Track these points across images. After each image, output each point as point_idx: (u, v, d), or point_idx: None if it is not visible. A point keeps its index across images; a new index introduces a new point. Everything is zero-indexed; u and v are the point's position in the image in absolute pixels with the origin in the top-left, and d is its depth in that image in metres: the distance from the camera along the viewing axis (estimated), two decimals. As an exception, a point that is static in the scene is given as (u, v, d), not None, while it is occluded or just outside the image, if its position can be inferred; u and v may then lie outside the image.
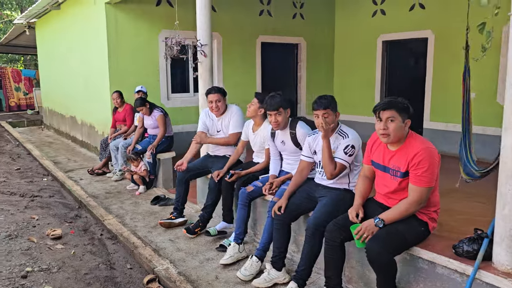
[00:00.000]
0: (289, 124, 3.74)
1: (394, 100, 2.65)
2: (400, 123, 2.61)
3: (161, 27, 7.38)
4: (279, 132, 3.80)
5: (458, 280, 2.55)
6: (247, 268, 3.47)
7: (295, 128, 3.70)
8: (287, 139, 3.75)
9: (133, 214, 4.94)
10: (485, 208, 4.31)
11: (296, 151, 3.73)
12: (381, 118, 2.64)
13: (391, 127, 2.61)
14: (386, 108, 2.62)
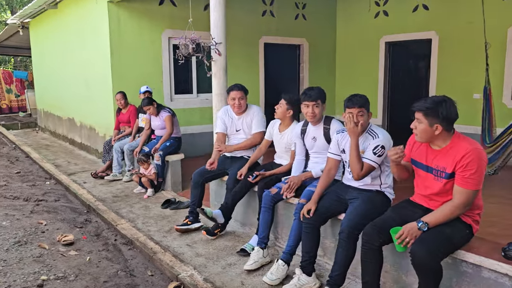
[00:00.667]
0: (323, 120, 3.65)
1: (428, 103, 2.57)
2: (427, 126, 2.56)
3: (165, 26, 7.25)
4: (311, 128, 3.69)
5: (507, 284, 2.47)
6: (273, 272, 3.36)
7: (329, 123, 3.61)
8: (319, 135, 3.64)
9: (145, 218, 4.78)
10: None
11: (326, 149, 3.62)
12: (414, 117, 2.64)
13: (418, 128, 2.62)
14: (415, 110, 2.62)
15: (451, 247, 2.58)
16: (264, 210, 3.73)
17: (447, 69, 7.60)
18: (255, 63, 8.37)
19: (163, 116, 5.86)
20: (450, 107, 2.56)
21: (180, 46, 4.41)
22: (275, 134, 4.12)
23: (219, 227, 4.19)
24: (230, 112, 4.47)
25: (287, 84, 9.04)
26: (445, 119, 2.54)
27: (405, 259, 2.95)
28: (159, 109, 5.92)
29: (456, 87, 7.32)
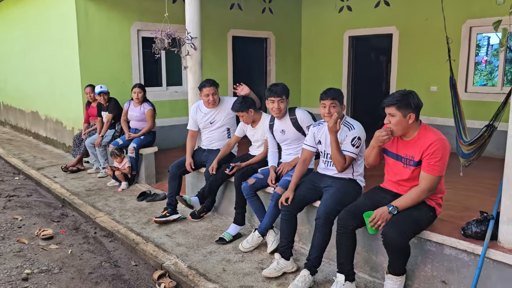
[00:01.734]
0: (288, 112, 3.86)
1: (398, 96, 2.82)
2: (401, 117, 2.80)
3: (134, 19, 7.22)
4: (278, 122, 3.90)
5: (465, 259, 2.78)
6: (248, 241, 3.76)
7: (294, 113, 3.83)
8: (288, 127, 3.85)
9: (122, 211, 4.85)
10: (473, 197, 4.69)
11: (299, 138, 3.86)
12: (385, 114, 2.86)
13: (393, 121, 2.83)
14: (387, 105, 2.84)
15: (418, 228, 2.87)
16: (251, 200, 3.93)
17: (406, 63, 8.02)
18: (224, 56, 8.48)
19: (145, 108, 5.87)
20: (415, 96, 2.85)
21: (156, 40, 4.47)
22: (249, 130, 4.31)
23: (204, 210, 4.43)
24: (202, 108, 4.59)
25: (255, 76, 9.22)
26: (416, 107, 2.82)
27: (375, 241, 3.23)
28: (143, 100, 5.94)
29: (415, 80, 7.75)
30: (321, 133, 3.48)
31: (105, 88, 6.18)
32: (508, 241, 2.60)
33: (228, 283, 3.24)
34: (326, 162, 3.51)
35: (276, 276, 3.33)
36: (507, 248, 2.60)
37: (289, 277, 3.30)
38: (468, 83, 7.35)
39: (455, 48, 7.26)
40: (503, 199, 2.62)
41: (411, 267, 3.04)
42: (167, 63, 7.79)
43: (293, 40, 9.54)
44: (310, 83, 9.47)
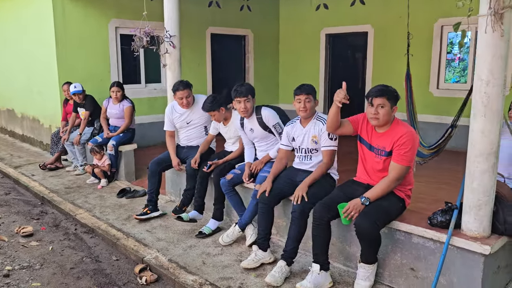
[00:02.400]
0: (255, 111, 3.97)
1: (386, 88, 2.99)
2: (389, 109, 2.96)
3: (111, 16, 7.21)
4: (246, 121, 4.01)
5: (431, 247, 2.95)
6: (229, 235, 3.88)
7: (260, 112, 3.94)
8: (255, 125, 3.97)
9: (102, 208, 4.89)
10: (444, 189, 4.91)
11: (266, 136, 3.98)
12: (373, 104, 2.96)
13: (381, 112, 2.95)
14: (378, 95, 2.95)
15: (388, 218, 3.03)
16: (229, 195, 4.04)
17: (381, 60, 8.23)
18: (202, 54, 8.53)
19: (124, 105, 5.89)
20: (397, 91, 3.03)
21: (135, 38, 4.52)
22: (221, 128, 4.42)
23: (185, 204, 4.53)
24: (177, 108, 4.64)
25: (234, 74, 9.30)
26: (398, 101, 3.00)
27: (349, 232, 3.38)
28: (122, 98, 5.95)
29: (390, 77, 7.92)
30: (294, 130, 3.62)
31: (79, 88, 6.08)
32: (470, 229, 2.78)
33: (208, 275, 3.35)
34: (301, 157, 3.65)
35: (254, 267, 3.45)
36: (469, 235, 2.78)
37: (266, 268, 3.43)
38: (439, 80, 7.61)
39: (427, 46, 7.51)
40: (465, 190, 2.80)
41: (382, 255, 3.21)
42: (145, 60, 7.80)
43: (271, 38, 9.65)
44: (288, 80, 9.60)
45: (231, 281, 3.26)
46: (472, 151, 2.71)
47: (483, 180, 2.68)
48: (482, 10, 2.54)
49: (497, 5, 2.46)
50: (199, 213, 4.43)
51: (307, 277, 3.14)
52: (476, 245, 2.69)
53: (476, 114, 2.64)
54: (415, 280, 3.05)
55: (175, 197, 5.09)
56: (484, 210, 2.72)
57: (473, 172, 2.71)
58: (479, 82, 2.60)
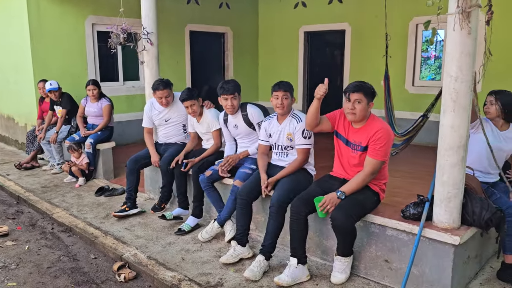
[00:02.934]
0: (240, 108, 4.00)
1: (363, 84, 3.05)
2: (365, 104, 3.03)
3: (88, 12, 7.12)
4: (231, 117, 4.04)
5: (405, 239, 3.04)
6: (208, 231, 3.90)
7: (245, 109, 3.97)
8: (240, 122, 4.00)
9: (79, 206, 4.84)
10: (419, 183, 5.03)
11: (250, 133, 4.01)
12: (350, 99, 3.02)
13: (358, 107, 3.02)
14: (355, 91, 3.01)
15: (363, 211, 3.11)
16: (208, 192, 4.05)
17: (359, 58, 8.35)
18: (181, 51, 8.49)
19: (102, 104, 5.83)
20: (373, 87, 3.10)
21: (112, 35, 4.49)
22: (195, 125, 4.43)
23: (163, 202, 4.54)
24: (156, 105, 4.63)
25: (213, 71, 9.29)
26: (374, 97, 3.07)
27: (325, 226, 3.45)
28: (100, 96, 5.88)
29: (367, 74, 8.08)
30: (271, 126, 3.66)
31: (55, 85, 6.00)
32: (441, 220, 2.87)
33: (187, 271, 3.37)
34: (278, 154, 3.70)
35: (233, 262, 3.49)
36: (440, 227, 2.87)
37: (245, 263, 3.47)
38: (415, 78, 7.77)
39: (403, 44, 7.66)
40: (436, 184, 2.89)
41: (357, 248, 3.28)
42: (123, 58, 7.73)
43: (250, 35, 9.68)
44: (267, 78, 9.64)
45: (210, 277, 3.28)
46: (442, 145, 2.80)
47: (453, 173, 2.77)
48: (450, 8, 2.63)
49: (464, 3, 2.54)
50: (184, 210, 4.42)
51: (285, 271, 3.19)
52: (447, 236, 2.79)
53: (446, 109, 2.73)
54: (389, 272, 3.14)
55: (154, 194, 5.08)
56: (453, 202, 2.82)
57: (443, 165, 2.81)
58: (448, 78, 2.69)
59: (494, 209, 2.83)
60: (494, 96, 3.29)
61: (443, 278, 2.86)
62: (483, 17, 2.66)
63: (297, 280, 3.17)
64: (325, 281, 3.20)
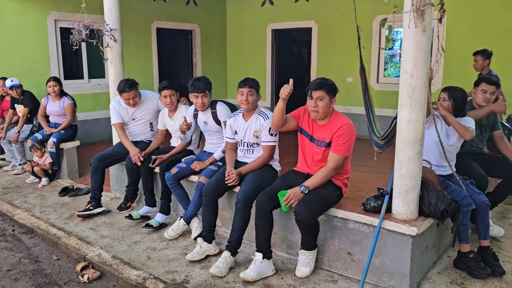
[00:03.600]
0: (210, 105, 4.01)
1: (324, 81, 3.10)
2: (328, 101, 3.08)
3: (50, 8, 6.94)
4: (201, 114, 4.04)
5: (366, 231, 3.12)
6: (174, 229, 3.90)
7: (215, 107, 3.98)
8: (209, 119, 4.00)
9: (42, 207, 4.73)
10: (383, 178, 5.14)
11: (219, 130, 4.03)
12: (312, 97, 3.07)
13: (320, 105, 3.07)
14: (317, 88, 3.06)
15: (326, 205, 3.17)
16: (174, 189, 4.04)
17: (325, 55, 8.48)
18: (148, 48, 8.39)
19: (64, 102, 5.69)
20: (335, 84, 3.15)
21: (74, 32, 4.39)
22: (167, 121, 4.39)
23: (129, 200, 4.51)
24: (121, 102, 4.56)
25: (181, 69, 9.23)
26: (336, 93, 3.13)
27: (290, 221, 3.49)
28: (62, 94, 5.74)
29: (333, 71, 8.21)
30: (237, 123, 3.68)
31: (16, 82, 5.85)
32: (400, 212, 2.97)
33: (153, 270, 3.35)
34: (243, 151, 3.72)
35: (199, 259, 3.49)
36: (399, 219, 2.97)
37: (212, 260, 3.47)
38: (379, 75, 7.96)
39: (366, 42, 7.82)
40: (395, 177, 2.99)
41: (321, 242, 3.35)
42: (88, 55, 7.57)
43: (218, 33, 9.66)
44: (236, 75, 9.64)
45: (176, 274, 3.28)
46: (400, 139, 2.89)
47: (410, 167, 2.87)
48: (406, 7, 2.72)
49: (418, 2, 2.63)
50: (151, 207, 4.39)
51: (250, 266, 3.22)
52: (405, 227, 2.88)
53: (403, 104, 2.82)
54: (352, 264, 3.22)
55: (120, 193, 5.01)
56: (411, 194, 2.92)
57: (401, 159, 2.90)
58: (405, 74, 2.78)
59: (449, 201, 2.94)
60: (447, 92, 3.42)
61: (403, 268, 2.96)
62: (436, 15, 2.76)
63: (263, 275, 3.21)
64: (290, 275, 3.25)
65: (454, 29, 6.80)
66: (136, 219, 4.26)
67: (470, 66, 6.47)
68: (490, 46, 5.99)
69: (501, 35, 6.53)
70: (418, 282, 3.10)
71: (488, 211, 3.30)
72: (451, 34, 6.84)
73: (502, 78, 5.46)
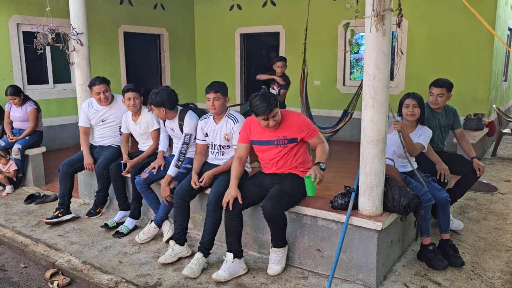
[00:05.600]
0: (179, 114, 3.95)
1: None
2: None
3: (12, 12, 6.77)
4: (168, 121, 4.04)
5: (334, 228, 3.23)
6: (145, 232, 3.91)
7: (183, 119, 3.92)
8: (176, 127, 4.00)
9: (7, 215, 4.60)
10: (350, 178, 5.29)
11: None
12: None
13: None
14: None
15: (292, 199, 3.26)
16: (144, 194, 4.03)
17: (292, 59, 8.59)
18: (115, 52, 8.30)
19: (27, 108, 5.55)
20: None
21: (38, 35, 4.32)
22: (131, 125, 4.36)
23: (98, 206, 4.49)
24: (94, 104, 4.53)
25: (149, 73, 9.17)
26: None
27: (261, 221, 3.55)
28: (25, 100, 5.60)
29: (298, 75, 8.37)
30: (208, 125, 3.72)
31: None
32: (365, 208, 3.09)
33: (125, 274, 3.34)
34: (214, 153, 3.76)
35: (171, 262, 3.50)
36: (365, 214, 3.09)
37: (184, 262, 3.49)
38: (345, 78, 8.17)
39: (333, 47, 8.02)
40: (360, 174, 3.11)
41: (291, 240, 3.43)
42: (53, 60, 7.42)
43: (186, 37, 9.66)
44: (205, 79, 9.67)
45: (149, 277, 3.28)
46: (364, 138, 3.02)
47: (374, 164, 3.00)
48: (367, 12, 2.85)
49: (379, 7, 2.77)
50: (125, 211, 4.34)
51: (222, 267, 3.27)
52: (370, 223, 3.00)
53: (366, 104, 2.95)
54: (322, 260, 3.31)
55: (89, 199, 4.94)
56: (376, 190, 3.04)
57: (366, 157, 3.02)
58: (367, 76, 2.91)
59: (411, 196, 3.09)
60: (415, 100, 3.50)
61: (369, 262, 3.08)
62: (395, 20, 2.91)
63: (235, 274, 3.26)
64: (262, 273, 3.31)
65: (416, 33, 7.09)
66: (113, 227, 4.22)
67: (430, 68, 6.76)
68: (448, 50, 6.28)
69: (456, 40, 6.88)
70: (384, 275, 3.23)
71: (448, 206, 3.47)
72: (413, 37, 7.13)
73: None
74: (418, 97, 3.54)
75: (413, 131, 3.54)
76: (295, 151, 3.31)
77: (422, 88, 4.52)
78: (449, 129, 4.16)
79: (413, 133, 3.53)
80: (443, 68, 6.78)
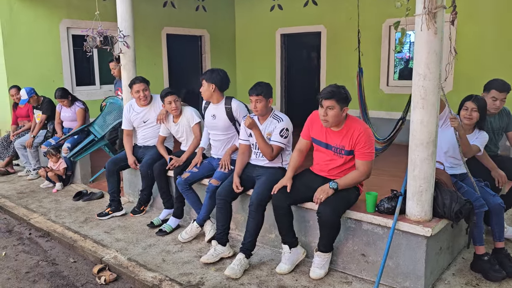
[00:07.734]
0: (224, 100, 3.99)
1: (336, 90, 3.08)
2: (338, 111, 3.08)
3: (62, 16, 7.05)
4: (212, 106, 4.02)
5: (380, 232, 3.14)
6: (187, 231, 3.94)
7: (230, 103, 3.94)
8: (220, 113, 3.95)
9: (57, 211, 4.79)
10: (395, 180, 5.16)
11: (228, 127, 3.99)
12: (322, 105, 3.09)
13: (330, 114, 3.08)
14: (327, 98, 3.06)
15: (348, 205, 3.21)
16: (186, 194, 4.08)
17: (334, 59, 8.49)
18: (158, 54, 8.48)
19: (75, 108, 5.81)
20: (347, 90, 3.14)
21: (88, 38, 4.48)
22: (172, 126, 4.42)
23: (142, 204, 4.59)
24: (134, 106, 4.63)
25: (191, 74, 9.30)
26: (349, 102, 3.13)
27: (303, 223, 3.52)
28: (73, 101, 5.86)
29: (342, 75, 8.23)
30: (252, 126, 3.71)
31: (25, 97, 5.93)
32: (413, 213, 2.98)
33: (168, 272, 3.39)
34: (257, 153, 3.74)
35: (213, 262, 3.52)
36: (413, 220, 2.98)
37: (226, 262, 3.50)
38: (389, 78, 7.96)
39: (377, 46, 7.84)
40: (408, 178, 3.00)
41: (335, 244, 3.35)
42: (100, 61, 7.68)
43: (227, 38, 9.73)
44: (245, 80, 9.71)
45: (191, 276, 3.31)
46: (413, 141, 2.91)
47: (423, 168, 2.88)
48: (417, 9, 2.74)
49: (430, 5, 2.66)
50: (170, 209, 4.40)
51: (282, 259, 3.35)
52: (419, 228, 2.89)
53: (416, 106, 2.84)
54: (366, 265, 3.23)
55: (133, 198, 5.07)
56: (425, 195, 2.93)
57: (414, 160, 2.91)
58: (417, 76, 2.80)
59: (463, 201, 2.95)
60: (475, 103, 3.34)
61: (417, 269, 2.97)
62: (448, 17, 2.78)
63: (296, 262, 3.37)
64: (305, 276, 3.27)
65: (465, 31, 6.80)
66: (158, 225, 4.29)
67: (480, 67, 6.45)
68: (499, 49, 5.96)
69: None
70: (432, 284, 3.10)
71: (503, 213, 3.29)
72: (462, 36, 6.84)
73: None
74: (480, 101, 3.37)
75: (469, 134, 3.39)
76: (352, 163, 3.22)
77: (471, 88, 4.31)
78: (502, 131, 3.95)
79: (469, 136, 3.37)
80: (493, 67, 6.46)
